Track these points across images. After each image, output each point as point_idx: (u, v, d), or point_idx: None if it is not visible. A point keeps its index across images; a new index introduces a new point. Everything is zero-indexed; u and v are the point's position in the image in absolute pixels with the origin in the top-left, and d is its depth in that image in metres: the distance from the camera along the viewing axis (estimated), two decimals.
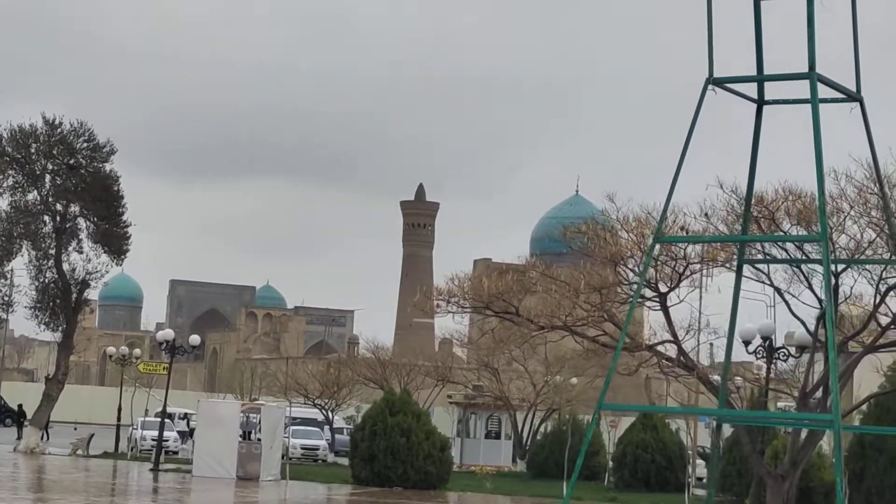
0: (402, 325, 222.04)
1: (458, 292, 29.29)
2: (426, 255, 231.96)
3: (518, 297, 29.41)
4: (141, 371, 66.40)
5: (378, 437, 47.71)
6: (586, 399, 67.37)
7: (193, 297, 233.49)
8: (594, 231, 28.23)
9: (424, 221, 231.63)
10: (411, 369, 70.97)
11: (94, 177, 59.03)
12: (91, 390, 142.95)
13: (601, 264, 28.54)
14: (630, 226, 27.77)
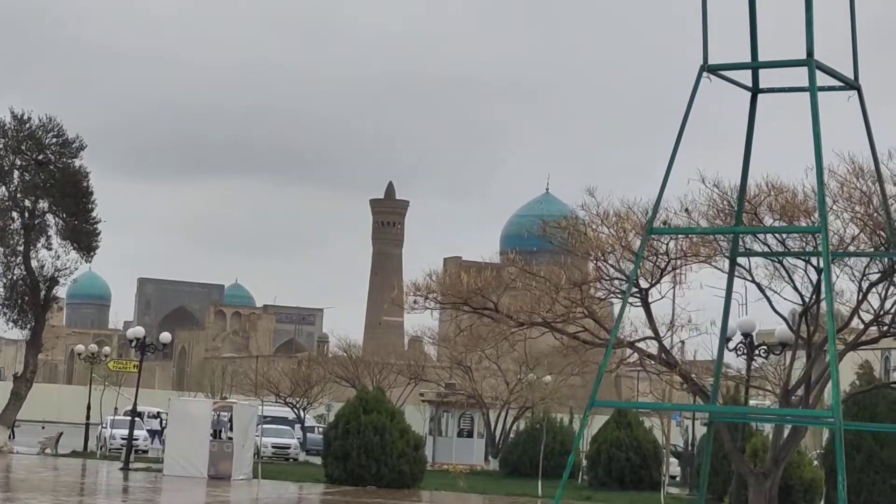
0: (372, 324, 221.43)
1: (435, 288, 28.74)
2: (396, 253, 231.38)
3: (496, 293, 28.91)
4: (111, 369, 65.67)
5: (352, 436, 47.22)
6: (560, 397, 67.06)
7: (162, 295, 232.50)
8: (574, 226, 27.74)
9: (394, 220, 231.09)
10: (383, 367, 70.47)
11: (63, 173, 58.29)
12: (59, 389, 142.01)
13: (580, 259, 28.08)
14: (610, 220, 27.33)
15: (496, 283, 28.92)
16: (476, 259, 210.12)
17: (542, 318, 28.12)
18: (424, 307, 29.09)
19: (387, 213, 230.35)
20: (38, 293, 58.99)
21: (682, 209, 27.71)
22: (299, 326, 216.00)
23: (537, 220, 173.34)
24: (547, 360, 67.29)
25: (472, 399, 65.80)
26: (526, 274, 28.53)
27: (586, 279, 27.41)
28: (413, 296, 28.90)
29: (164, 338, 54.83)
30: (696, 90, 15.39)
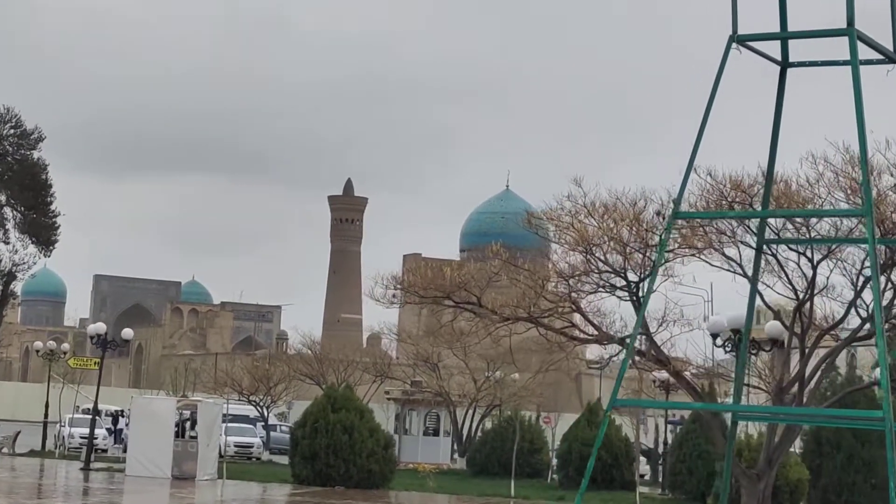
0: (331, 321, 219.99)
1: (417, 282, 27.56)
2: (355, 250, 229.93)
3: (479, 286, 27.76)
4: (71, 366, 64.12)
5: (319, 435, 45.94)
6: (529, 395, 66.06)
7: (118, 292, 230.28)
8: (559, 218, 26.62)
9: (353, 216, 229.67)
10: (348, 365, 69.20)
11: (21, 164, 56.82)
12: (15, 387, 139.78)
13: (566, 252, 26.98)
14: (599, 211, 26.23)
15: (478, 277, 27.73)
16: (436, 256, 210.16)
17: (528, 312, 26.97)
18: (404, 301, 27.86)
19: (345, 210, 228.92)
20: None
21: (668, 199, 26.70)
22: (259, 324, 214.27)
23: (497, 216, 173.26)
24: (515, 357, 66.27)
25: (439, 397, 64.69)
26: (510, 267, 27.33)
27: (576, 271, 26.25)
28: (392, 290, 27.73)
29: (125, 334, 53.41)
30: (724, 62, 14.30)
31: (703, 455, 49.29)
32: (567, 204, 27.19)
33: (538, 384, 65.60)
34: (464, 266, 28.12)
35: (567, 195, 27.37)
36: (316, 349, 73.55)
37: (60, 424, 64.10)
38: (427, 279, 27.32)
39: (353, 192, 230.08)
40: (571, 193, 27.40)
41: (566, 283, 26.93)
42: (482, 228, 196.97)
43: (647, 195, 26.87)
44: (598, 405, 59.92)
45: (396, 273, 28.47)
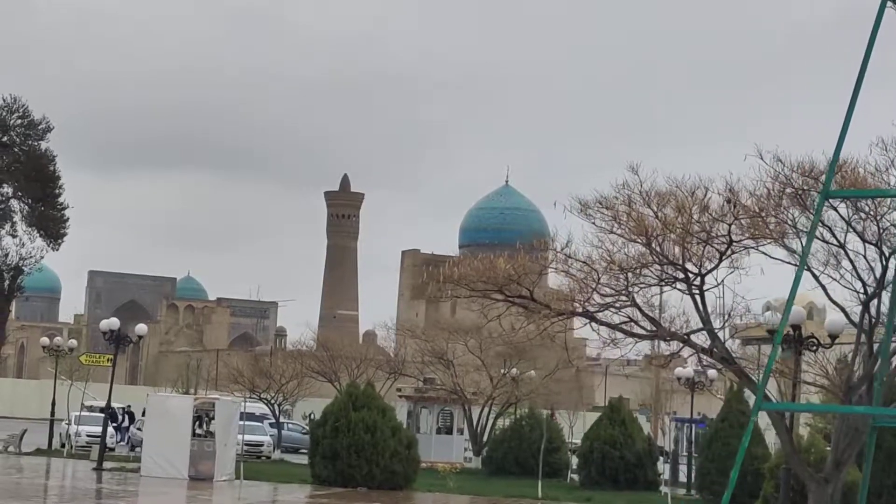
0: (326, 317, 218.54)
1: (470, 275, 26.04)
2: (351, 246, 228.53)
3: (531, 279, 26.27)
4: (83, 363, 62.52)
5: (341, 434, 44.48)
6: (546, 393, 64.65)
7: (112, 288, 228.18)
8: (615, 206, 25.11)
9: (349, 212, 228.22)
10: (361, 361, 67.68)
11: (28, 156, 55.25)
12: (13, 383, 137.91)
13: (623, 243, 25.46)
14: (662, 199, 24.76)
15: (533, 268, 26.23)
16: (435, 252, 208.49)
17: (583, 306, 25.50)
18: (452, 295, 26.36)
19: (342, 206, 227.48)
20: (2, 283, 55.94)
21: (726, 189, 25.29)
22: (260, 320, 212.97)
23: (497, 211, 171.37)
24: (529, 353, 64.93)
25: (454, 394, 63.23)
26: (562, 260, 25.84)
27: (641, 262, 24.77)
28: (446, 283, 26.22)
29: (139, 329, 51.78)
30: (878, 25, 12.97)
31: (733, 453, 48.09)
32: (622, 192, 25.61)
33: (556, 381, 64.15)
34: (516, 258, 26.39)
35: (622, 183, 25.85)
36: (330, 345, 71.98)
37: (67, 422, 62.59)
38: (479, 272, 25.79)
39: (349, 187, 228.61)
40: (627, 181, 25.88)
41: (623, 276, 25.40)
42: (481, 224, 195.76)
43: (707, 183, 25.38)
44: (620, 403, 58.46)
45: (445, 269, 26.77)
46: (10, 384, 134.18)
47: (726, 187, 25.59)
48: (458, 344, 65.29)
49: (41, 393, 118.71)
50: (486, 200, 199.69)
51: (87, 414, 61.82)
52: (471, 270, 25.85)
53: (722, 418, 50.25)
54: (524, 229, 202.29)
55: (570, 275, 25.18)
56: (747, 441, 19.36)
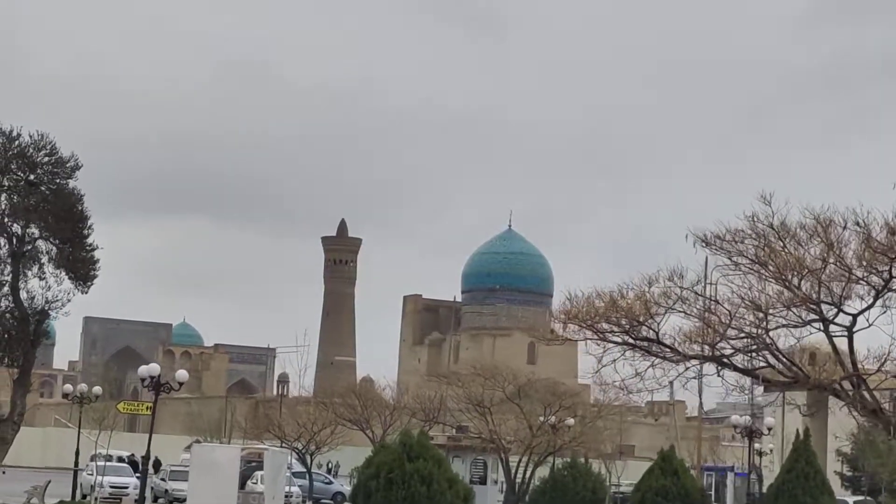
0: (324, 363, 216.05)
1: (586, 315, 23.80)
2: (349, 292, 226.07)
3: (640, 318, 24.04)
4: (121, 411, 60.06)
5: (395, 487, 42.14)
6: (585, 441, 62.42)
7: (108, 334, 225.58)
8: (765, 239, 22.87)
9: (346, 258, 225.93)
10: (394, 409, 65.31)
11: (56, 195, 52.52)
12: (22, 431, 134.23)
13: (761, 280, 23.25)
14: (807, 232, 22.60)
15: (642, 307, 23.97)
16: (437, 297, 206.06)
17: (712, 350, 23.29)
18: (564, 337, 24.12)
19: (339, 251, 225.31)
20: (28, 327, 53.24)
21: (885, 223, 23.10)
22: (261, 367, 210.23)
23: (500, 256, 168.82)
24: (568, 401, 62.89)
25: (490, 443, 60.93)
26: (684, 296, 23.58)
27: (775, 303, 22.57)
28: (568, 322, 23.92)
29: (180, 376, 49.33)
30: None
31: None
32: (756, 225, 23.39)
33: (597, 430, 61.93)
34: (642, 296, 24.13)
35: (751, 215, 23.66)
36: (359, 392, 69.59)
37: (87, 472, 60.17)
38: (596, 311, 23.53)
39: (347, 232, 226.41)
40: (756, 213, 23.71)
41: (756, 317, 23.20)
42: (484, 269, 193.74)
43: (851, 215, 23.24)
44: (672, 453, 56.24)
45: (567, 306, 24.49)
46: (20, 432, 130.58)
47: (886, 221, 23.37)
48: (497, 391, 63.00)
49: (45, 441, 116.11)
50: (488, 245, 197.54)
51: (113, 464, 59.25)
52: (588, 309, 23.49)
53: (787, 469, 48.12)
54: (528, 274, 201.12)
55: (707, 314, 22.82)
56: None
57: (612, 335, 23.90)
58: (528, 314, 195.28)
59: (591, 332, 24.06)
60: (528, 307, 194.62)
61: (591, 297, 24.34)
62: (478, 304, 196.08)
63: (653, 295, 24.24)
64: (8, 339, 53.53)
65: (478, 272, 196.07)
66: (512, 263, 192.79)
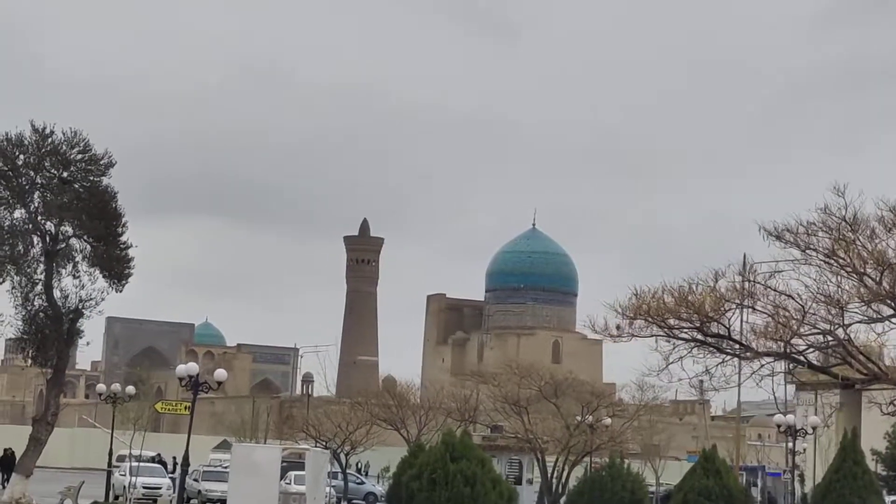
0: (346, 363, 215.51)
1: (654, 309, 22.99)
2: (371, 291, 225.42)
3: (710, 314, 23.23)
4: (159, 410, 59.46)
5: (438, 487, 41.46)
6: (623, 441, 61.64)
7: (130, 335, 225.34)
8: (838, 232, 22.09)
9: (369, 257, 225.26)
10: (429, 409, 64.55)
11: (90, 192, 51.88)
12: None
13: (834, 274, 22.45)
14: (886, 225, 21.81)
15: (714, 303, 23.17)
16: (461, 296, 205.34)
17: (785, 348, 22.50)
18: (630, 333, 23.36)
19: (361, 251, 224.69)
20: (61, 326, 52.63)
21: None
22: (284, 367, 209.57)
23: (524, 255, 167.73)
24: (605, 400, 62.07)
25: (526, 443, 60.13)
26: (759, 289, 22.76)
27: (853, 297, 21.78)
28: (623, 317, 23.12)
29: (219, 375, 48.61)
30: None
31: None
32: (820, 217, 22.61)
33: (635, 429, 61.11)
34: (712, 291, 23.32)
35: (822, 207, 22.87)
36: (399, 392, 68.84)
37: (121, 473, 59.59)
38: (665, 306, 22.74)
39: (369, 232, 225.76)
40: (828, 206, 22.92)
41: (829, 313, 22.41)
42: (508, 268, 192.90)
43: None
44: (714, 453, 55.35)
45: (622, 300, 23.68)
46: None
47: None
48: (533, 391, 62.18)
49: (72, 441, 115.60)
50: (512, 244, 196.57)
51: (146, 464, 58.64)
52: (657, 304, 22.67)
53: (835, 469, 47.24)
54: (553, 273, 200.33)
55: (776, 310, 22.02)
56: None
57: (681, 331, 23.11)
58: (553, 313, 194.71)
59: (659, 328, 23.23)
60: (553, 306, 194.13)
61: (658, 293, 23.51)
62: (502, 303, 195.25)
63: (719, 289, 23.41)
64: (41, 339, 52.96)
65: (502, 271, 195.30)
66: (536, 262, 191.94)
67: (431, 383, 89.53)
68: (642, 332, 23.09)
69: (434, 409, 65.09)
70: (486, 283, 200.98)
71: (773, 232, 23.11)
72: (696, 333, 22.97)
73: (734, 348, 22.92)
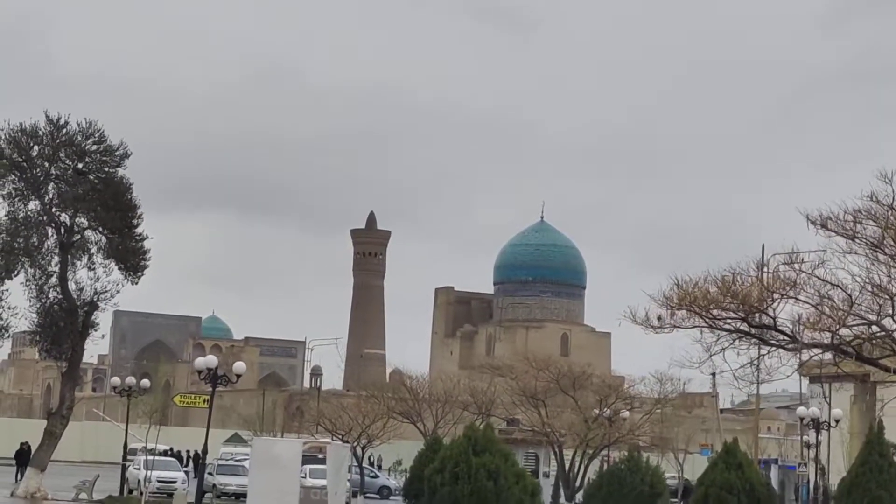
0: (353, 356, 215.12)
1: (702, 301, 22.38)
2: (377, 284, 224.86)
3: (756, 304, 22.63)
4: (177, 404, 58.92)
5: (461, 481, 40.83)
6: (641, 434, 61.09)
7: (137, 328, 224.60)
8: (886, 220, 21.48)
9: (376, 250, 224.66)
10: (446, 401, 63.99)
11: (105, 183, 51.52)
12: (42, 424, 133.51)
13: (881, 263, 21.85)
14: None
15: (761, 293, 22.55)
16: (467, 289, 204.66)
17: (831, 339, 21.92)
18: (672, 325, 22.73)
19: (368, 244, 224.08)
20: (76, 319, 52.25)
21: None
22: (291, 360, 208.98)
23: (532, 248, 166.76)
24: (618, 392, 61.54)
25: (542, 436, 59.55)
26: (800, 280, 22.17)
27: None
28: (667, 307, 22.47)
29: (238, 368, 48.07)
30: None
31: (875, 501, 44.60)
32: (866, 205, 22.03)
33: (653, 422, 60.55)
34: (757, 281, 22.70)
35: (869, 194, 22.28)
36: (414, 385, 68.27)
37: (136, 467, 59.07)
38: (709, 296, 22.13)
39: (375, 225, 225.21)
40: (874, 192, 22.34)
41: (877, 303, 21.82)
42: (517, 261, 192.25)
43: None
44: (735, 446, 54.71)
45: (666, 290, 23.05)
46: (40, 425, 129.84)
47: None
48: (550, 383, 61.62)
49: (82, 435, 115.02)
50: (521, 237, 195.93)
51: (161, 458, 58.10)
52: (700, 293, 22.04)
53: (861, 462, 46.57)
54: (561, 266, 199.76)
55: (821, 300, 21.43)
56: None
57: (724, 322, 22.51)
58: (561, 306, 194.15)
59: (702, 318, 22.63)
60: (561, 299, 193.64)
61: (700, 283, 22.90)
62: (510, 296, 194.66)
63: (765, 280, 22.80)
64: (56, 332, 52.61)
65: (510, 264, 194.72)
66: (545, 255, 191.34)
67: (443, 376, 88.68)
68: (684, 323, 22.54)
69: (451, 403, 64.56)
70: (494, 276, 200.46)
71: (818, 220, 22.48)
72: (740, 324, 22.38)
73: (779, 339, 22.32)
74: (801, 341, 21.98)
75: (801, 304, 22.66)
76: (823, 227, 22.45)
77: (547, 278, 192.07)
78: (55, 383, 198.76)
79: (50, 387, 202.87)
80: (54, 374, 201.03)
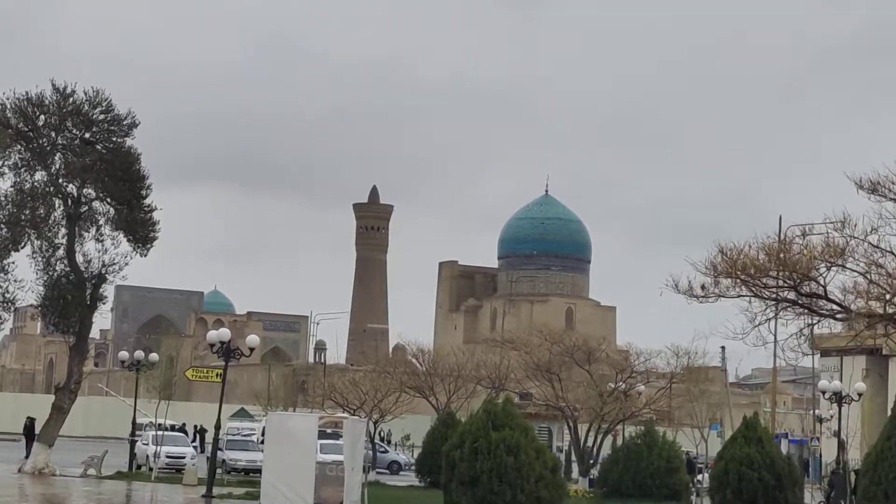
0: (356, 331, 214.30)
1: (751, 269, 21.34)
2: (380, 258, 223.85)
3: (806, 272, 21.62)
4: (190, 378, 58.02)
5: (481, 457, 39.78)
6: (659, 409, 60.19)
7: (139, 303, 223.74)
8: None
9: (378, 224, 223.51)
10: (458, 376, 62.99)
11: (113, 153, 50.52)
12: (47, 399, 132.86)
13: None
14: None
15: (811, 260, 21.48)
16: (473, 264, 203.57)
17: (887, 305, 20.88)
18: (716, 294, 21.71)
19: (371, 218, 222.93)
20: (84, 292, 51.30)
21: None
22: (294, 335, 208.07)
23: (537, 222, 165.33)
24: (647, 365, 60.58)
25: (556, 410, 58.66)
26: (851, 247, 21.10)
27: None
28: (712, 276, 21.42)
29: (251, 341, 47.14)
30: None
31: None
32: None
33: (669, 396, 59.64)
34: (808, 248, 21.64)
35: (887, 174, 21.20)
36: (427, 359, 67.28)
37: (144, 442, 58.22)
38: (757, 264, 21.09)
39: (378, 199, 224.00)
40: None
41: None
42: (521, 235, 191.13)
43: None
44: (756, 420, 53.82)
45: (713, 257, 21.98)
46: (46, 400, 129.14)
47: None
48: (564, 357, 60.67)
49: (87, 410, 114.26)
50: (525, 210, 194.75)
51: (170, 433, 57.26)
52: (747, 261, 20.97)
53: (888, 436, 45.58)
54: (565, 240, 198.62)
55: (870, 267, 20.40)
56: None
57: (771, 291, 21.49)
58: (566, 280, 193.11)
59: (748, 287, 21.61)
60: (566, 273, 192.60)
61: (747, 251, 21.87)
62: (515, 270, 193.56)
63: (814, 247, 21.75)
64: (63, 305, 51.68)
65: (514, 238, 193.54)
66: (549, 229, 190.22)
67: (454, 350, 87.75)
68: (729, 293, 21.52)
69: (464, 377, 63.60)
70: (498, 250, 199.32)
71: (869, 185, 21.43)
72: (788, 293, 21.36)
73: (829, 309, 21.33)
74: (853, 311, 20.98)
75: (848, 272, 21.64)
76: (873, 192, 21.40)
77: (551, 252, 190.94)
78: (57, 358, 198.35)
79: (52, 362, 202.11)
80: (56, 349, 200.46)
